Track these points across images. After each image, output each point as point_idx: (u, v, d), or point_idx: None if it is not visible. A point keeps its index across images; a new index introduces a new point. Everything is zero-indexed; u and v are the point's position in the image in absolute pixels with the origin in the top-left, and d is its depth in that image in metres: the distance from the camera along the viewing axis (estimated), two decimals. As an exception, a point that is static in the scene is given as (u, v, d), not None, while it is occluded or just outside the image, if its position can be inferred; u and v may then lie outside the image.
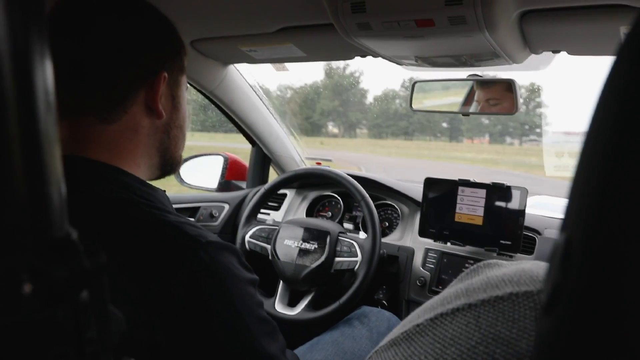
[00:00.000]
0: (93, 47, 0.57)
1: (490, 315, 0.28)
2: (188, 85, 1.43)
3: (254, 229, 1.40)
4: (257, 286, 0.60)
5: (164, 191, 0.64)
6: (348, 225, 1.45)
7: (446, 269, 1.34)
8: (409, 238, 1.46)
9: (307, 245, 1.29)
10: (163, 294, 0.51)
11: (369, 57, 1.18)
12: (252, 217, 1.43)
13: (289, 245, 1.31)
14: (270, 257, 1.33)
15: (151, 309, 0.51)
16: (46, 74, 0.21)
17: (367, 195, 1.31)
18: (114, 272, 0.49)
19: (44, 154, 0.21)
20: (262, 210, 1.50)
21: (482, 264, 0.34)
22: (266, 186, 1.44)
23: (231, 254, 0.57)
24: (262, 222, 1.43)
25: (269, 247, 1.34)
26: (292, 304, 1.32)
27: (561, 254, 0.19)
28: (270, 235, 1.36)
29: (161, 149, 0.65)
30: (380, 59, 1.14)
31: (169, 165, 0.68)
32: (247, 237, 1.39)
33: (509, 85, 1.16)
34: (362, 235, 1.31)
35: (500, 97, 1.19)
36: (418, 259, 1.39)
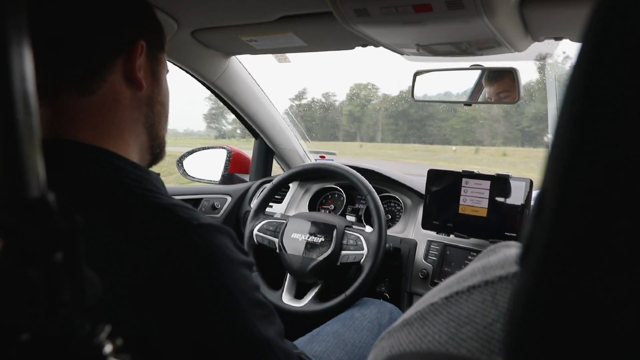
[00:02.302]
0: (69, 17, 0.57)
1: (508, 292, 0.27)
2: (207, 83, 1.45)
3: (261, 223, 1.41)
4: (252, 269, 0.58)
5: (158, 174, 0.63)
6: (351, 218, 1.45)
7: (449, 261, 1.33)
8: (412, 230, 1.45)
9: (314, 239, 1.30)
10: (154, 277, 0.50)
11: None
12: (260, 211, 1.45)
13: (296, 238, 1.32)
14: (277, 250, 1.35)
15: (142, 293, 0.50)
16: (21, 31, 0.20)
17: (373, 190, 1.31)
18: (104, 255, 0.49)
19: (19, 111, 0.21)
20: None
21: (500, 244, 0.33)
22: (274, 181, 1.45)
23: (225, 236, 0.55)
24: (270, 215, 1.44)
25: (276, 240, 1.36)
26: (298, 296, 1.33)
27: (536, 206, 0.19)
28: (277, 229, 1.38)
29: (147, 125, 0.65)
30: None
31: (157, 146, 0.68)
32: (255, 231, 1.40)
33: (513, 75, 1.16)
34: (368, 228, 1.31)
35: (509, 88, 1.19)
36: (420, 252, 1.39)
